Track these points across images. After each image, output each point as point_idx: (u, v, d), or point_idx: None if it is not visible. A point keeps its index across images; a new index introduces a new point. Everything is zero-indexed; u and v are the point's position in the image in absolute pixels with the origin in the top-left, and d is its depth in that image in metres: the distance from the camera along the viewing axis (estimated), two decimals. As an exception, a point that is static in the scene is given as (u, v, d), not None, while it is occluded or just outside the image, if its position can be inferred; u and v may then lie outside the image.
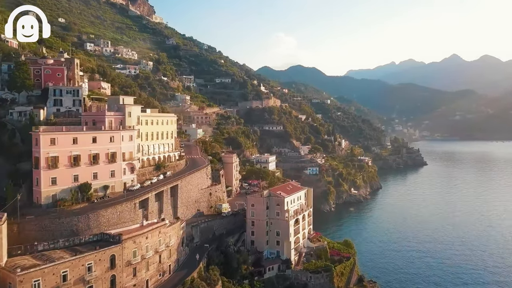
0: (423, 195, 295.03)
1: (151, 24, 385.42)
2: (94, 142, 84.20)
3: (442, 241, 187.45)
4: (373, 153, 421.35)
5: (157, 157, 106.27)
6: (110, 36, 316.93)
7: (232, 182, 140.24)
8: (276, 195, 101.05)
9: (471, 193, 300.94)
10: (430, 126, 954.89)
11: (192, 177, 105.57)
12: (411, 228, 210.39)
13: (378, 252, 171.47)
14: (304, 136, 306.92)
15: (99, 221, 76.00)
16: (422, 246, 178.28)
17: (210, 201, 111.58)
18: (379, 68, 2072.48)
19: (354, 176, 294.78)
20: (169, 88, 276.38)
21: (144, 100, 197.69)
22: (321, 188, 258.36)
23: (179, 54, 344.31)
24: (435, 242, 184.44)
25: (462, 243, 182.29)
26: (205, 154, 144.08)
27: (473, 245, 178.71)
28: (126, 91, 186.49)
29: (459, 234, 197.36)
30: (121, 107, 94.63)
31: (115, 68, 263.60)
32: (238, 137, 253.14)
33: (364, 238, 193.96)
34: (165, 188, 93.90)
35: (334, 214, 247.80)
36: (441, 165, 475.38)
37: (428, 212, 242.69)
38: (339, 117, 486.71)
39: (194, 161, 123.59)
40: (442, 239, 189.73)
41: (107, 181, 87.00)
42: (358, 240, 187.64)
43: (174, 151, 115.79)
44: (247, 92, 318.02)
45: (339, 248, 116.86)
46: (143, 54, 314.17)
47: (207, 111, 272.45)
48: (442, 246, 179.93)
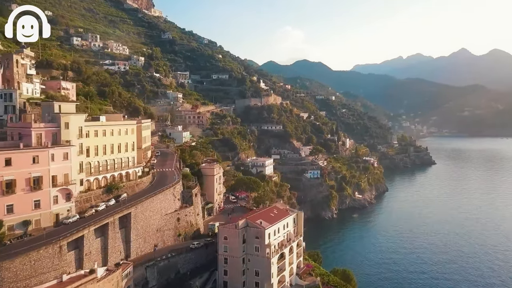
0: (432, 199, 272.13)
1: (147, 18, 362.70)
2: (7, 165, 62.82)
3: (455, 257, 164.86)
4: (379, 152, 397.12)
5: (109, 176, 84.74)
6: (101, 30, 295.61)
7: (213, 197, 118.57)
8: (255, 225, 79.02)
9: (484, 197, 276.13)
10: (438, 122, 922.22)
11: (153, 200, 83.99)
12: (420, 239, 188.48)
13: (384, 271, 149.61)
14: (305, 136, 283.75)
15: (2, 277, 54.87)
16: (436, 266, 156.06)
17: (178, 228, 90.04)
18: (386, 62, 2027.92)
19: (358, 179, 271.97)
20: (161, 85, 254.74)
21: (126, 100, 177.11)
22: (322, 193, 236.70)
23: (174, 49, 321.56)
24: (450, 260, 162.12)
25: (480, 263, 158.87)
26: (183, 165, 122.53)
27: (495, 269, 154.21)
28: (103, 91, 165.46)
29: (475, 250, 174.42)
30: (55, 117, 72.95)
31: (102, 64, 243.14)
32: (233, 138, 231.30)
33: (368, 251, 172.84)
34: (111, 219, 72.43)
35: (336, 221, 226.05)
36: (450, 165, 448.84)
37: (438, 220, 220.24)
38: (344, 114, 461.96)
39: (164, 177, 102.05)
40: (456, 255, 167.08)
41: (29, 214, 65.77)
42: (361, 255, 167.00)
43: (136, 166, 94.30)
44: (245, 89, 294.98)
45: (336, 283, 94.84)
46: (136, 49, 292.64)
47: (201, 110, 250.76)
48: (458, 263, 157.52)
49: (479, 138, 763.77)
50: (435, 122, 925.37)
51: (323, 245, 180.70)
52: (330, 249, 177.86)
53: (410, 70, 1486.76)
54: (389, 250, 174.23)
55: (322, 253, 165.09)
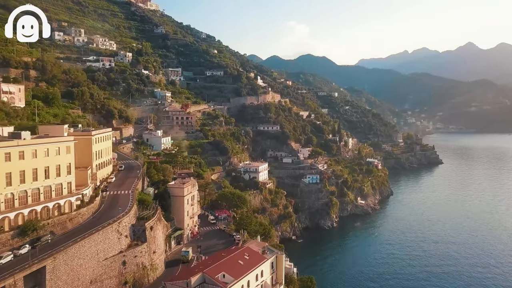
0: (439, 204, 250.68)
1: (140, 11, 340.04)
2: None
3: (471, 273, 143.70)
4: (384, 151, 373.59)
5: (26, 212, 63.76)
6: (89, 24, 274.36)
7: (183, 222, 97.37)
8: (214, 282, 57.47)
9: (496, 202, 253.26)
10: (445, 118, 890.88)
11: (85, 243, 62.85)
12: (427, 251, 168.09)
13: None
14: (304, 137, 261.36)
15: None
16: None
17: (123, 274, 69.02)
18: (391, 57, 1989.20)
19: (361, 183, 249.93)
20: (149, 83, 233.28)
21: (99, 101, 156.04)
22: (321, 199, 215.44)
23: (166, 44, 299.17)
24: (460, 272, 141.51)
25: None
26: (148, 182, 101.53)
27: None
28: (71, 92, 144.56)
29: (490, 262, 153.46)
30: None
31: (85, 60, 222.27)
32: (225, 141, 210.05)
33: (371, 267, 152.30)
34: (10, 281, 51.45)
35: (337, 231, 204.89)
36: (458, 164, 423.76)
37: (447, 228, 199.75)
38: (347, 111, 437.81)
39: (115, 203, 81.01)
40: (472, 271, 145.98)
41: None
42: (363, 274, 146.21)
43: (74, 194, 73.24)
44: (241, 87, 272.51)
45: None
46: (125, 44, 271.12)
47: (192, 110, 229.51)
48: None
49: (486, 134, 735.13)
50: (442, 118, 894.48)
51: (320, 261, 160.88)
52: (328, 265, 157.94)
53: (416, 64, 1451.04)
54: (394, 265, 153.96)
55: (319, 271, 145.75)
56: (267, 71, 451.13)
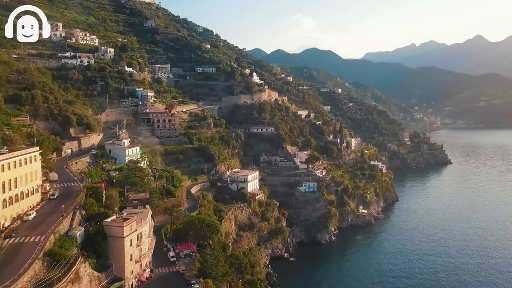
0: (448, 210, 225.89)
1: (130, 4, 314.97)
2: None
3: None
4: (389, 151, 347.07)
5: None
6: (71, 18, 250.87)
7: (123, 270, 73.94)
8: None
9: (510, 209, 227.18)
10: (453, 113, 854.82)
11: None
12: (439, 275, 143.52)
13: None
14: (302, 139, 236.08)
15: None
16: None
17: None
18: (398, 50, 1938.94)
19: (363, 190, 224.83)
20: (131, 81, 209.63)
21: (55, 106, 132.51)
22: (319, 210, 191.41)
23: (155, 39, 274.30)
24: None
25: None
26: (83, 216, 78.15)
27: None
28: (19, 96, 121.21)
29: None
30: None
31: (61, 57, 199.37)
32: (211, 146, 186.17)
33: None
34: None
35: (334, 246, 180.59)
36: (467, 164, 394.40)
37: (459, 240, 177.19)
38: (351, 108, 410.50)
39: (10, 263, 57.55)
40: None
41: None
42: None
43: None
44: (234, 84, 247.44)
45: None
46: (109, 39, 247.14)
47: (178, 110, 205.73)
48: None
49: (496, 130, 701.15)
50: (450, 113, 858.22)
51: (315, 285, 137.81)
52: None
53: (423, 58, 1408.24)
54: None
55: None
56: (267, 66, 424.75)
